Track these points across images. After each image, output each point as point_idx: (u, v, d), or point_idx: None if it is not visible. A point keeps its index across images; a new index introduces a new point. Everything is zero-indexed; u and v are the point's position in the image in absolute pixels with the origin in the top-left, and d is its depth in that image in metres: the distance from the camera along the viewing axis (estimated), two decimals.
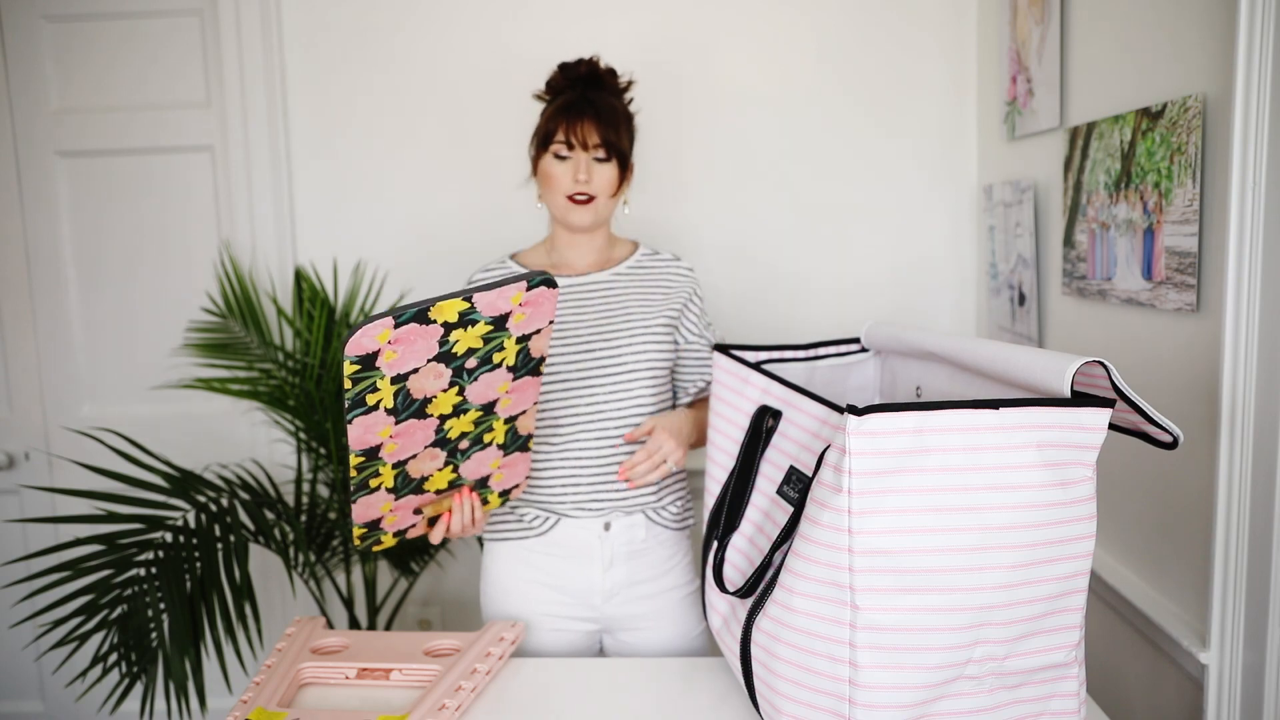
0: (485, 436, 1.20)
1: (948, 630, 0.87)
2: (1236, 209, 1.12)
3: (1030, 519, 0.86)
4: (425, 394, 1.08)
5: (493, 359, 1.10)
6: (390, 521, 1.23)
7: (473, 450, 1.21)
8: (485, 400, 1.15)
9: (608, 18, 2.11)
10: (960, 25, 2.10)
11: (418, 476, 1.18)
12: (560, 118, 1.42)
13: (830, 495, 0.88)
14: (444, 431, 1.14)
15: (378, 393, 1.03)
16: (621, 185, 1.46)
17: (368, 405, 1.04)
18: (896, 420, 0.85)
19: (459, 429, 1.16)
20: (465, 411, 1.14)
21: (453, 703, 1.10)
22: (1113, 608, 1.49)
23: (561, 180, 1.43)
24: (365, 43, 2.15)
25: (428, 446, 1.15)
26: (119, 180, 2.24)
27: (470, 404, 1.14)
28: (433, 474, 1.20)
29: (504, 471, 1.28)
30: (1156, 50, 1.33)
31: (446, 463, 1.19)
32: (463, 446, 1.19)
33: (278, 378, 2.04)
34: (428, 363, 1.04)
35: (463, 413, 1.14)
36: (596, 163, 1.43)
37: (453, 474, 1.22)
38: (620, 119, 1.45)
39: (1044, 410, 0.86)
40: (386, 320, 0.97)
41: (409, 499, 1.21)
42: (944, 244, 2.17)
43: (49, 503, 2.28)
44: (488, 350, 1.09)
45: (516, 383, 1.16)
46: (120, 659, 1.55)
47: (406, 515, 1.24)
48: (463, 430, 1.16)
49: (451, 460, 1.20)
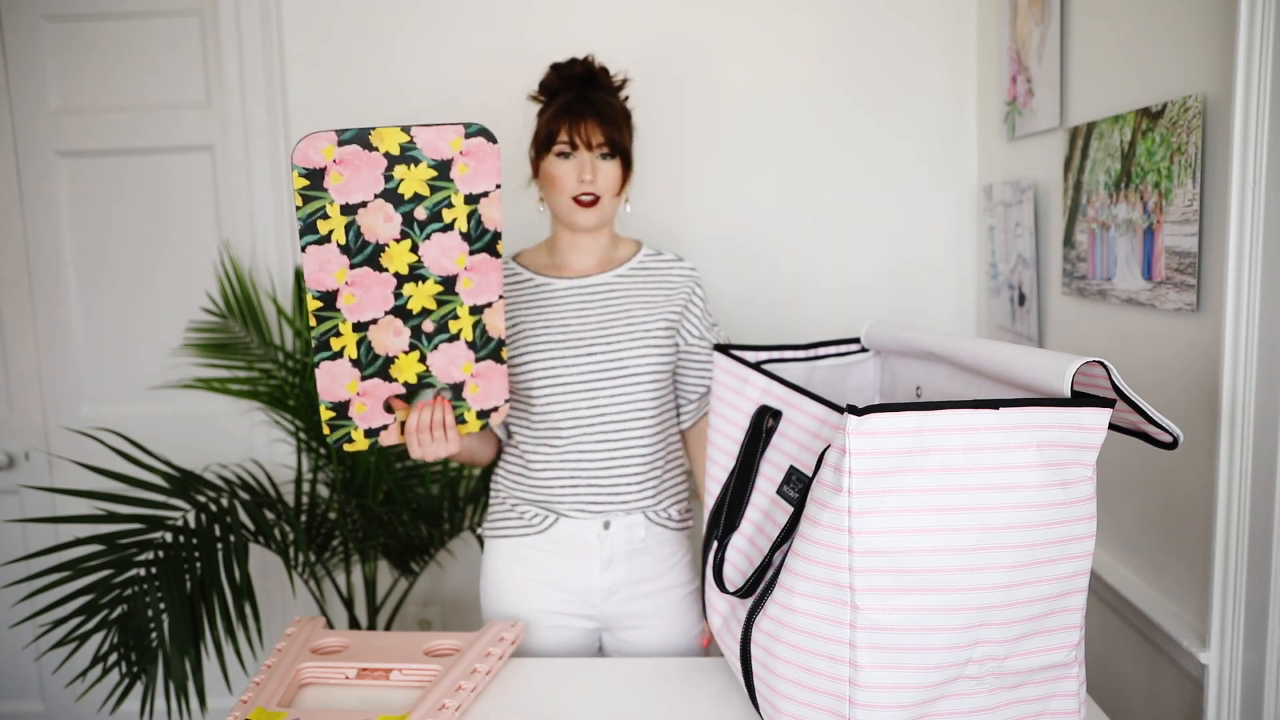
0: (451, 325, 1.22)
1: (948, 630, 0.87)
2: (1236, 209, 1.12)
3: (1030, 519, 0.86)
4: (377, 238, 1.15)
5: (443, 216, 1.16)
6: (359, 411, 1.23)
7: (439, 339, 1.23)
8: (444, 271, 1.19)
9: (607, 18, 2.11)
10: (960, 25, 2.10)
11: (382, 354, 1.21)
12: (562, 118, 1.41)
13: (830, 495, 0.88)
14: (404, 299, 1.18)
15: (329, 220, 1.12)
16: (624, 184, 1.46)
17: (319, 233, 1.12)
18: (896, 420, 0.85)
19: (420, 301, 1.19)
20: (424, 279, 1.18)
21: (453, 703, 1.10)
22: (1113, 608, 1.49)
23: (566, 181, 1.42)
24: (365, 43, 2.15)
25: (388, 313, 1.19)
26: (119, 180, 2.24)
27: (428, 270, 1.18)
28: (398, 356, 1.22)
29: (479, 383, 1.28)
30: (1156, 50, 1.33)
31: (412, 346, 1.22)
32: (427, 329, 1.21)
33: (278, 378, 2.04)
34: (375, 198, 1.13)
35: (421, 279, 1.18)
36: (601, 161, 1.42)
37: (421, 365, 1.23)
38: (620, 116, 1.45)
39: (1044, 410, 0.86)
40: (330, 135, 1.09)
41: (376, 384, 1.22)
42: (944, 244, 2.17)
43: (49, 503, 2.28)
44: (436, 203, 1.15)
45: (474, 259, 1.20)
46: (120, 659, 1.55)
47: (377, 409, 1.24)
48: (424, 305, 1.20)
49: (417, 344, 1.22)
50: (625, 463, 1.44)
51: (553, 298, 1.47)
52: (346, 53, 2.16)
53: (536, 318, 1.46)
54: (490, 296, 1.23)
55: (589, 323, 1.44)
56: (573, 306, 1.46)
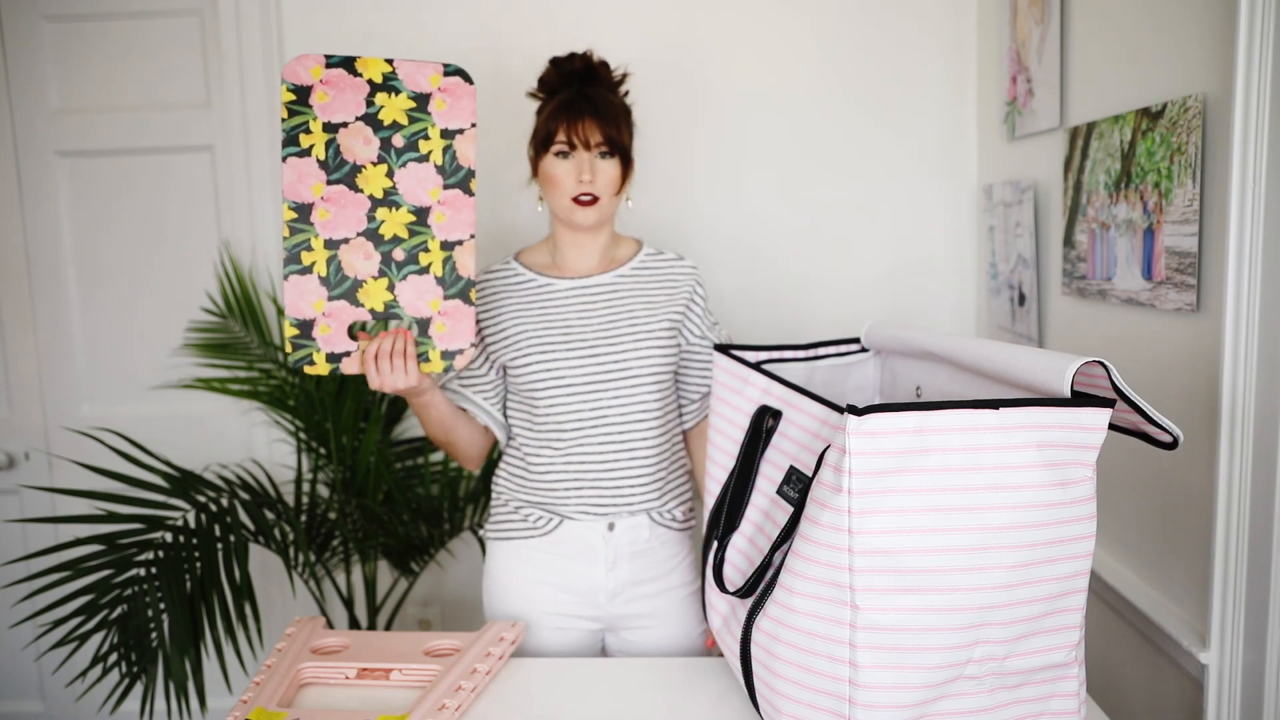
0: (422, 257, 1.25)
1: (948, 630, 0.87)
2: (1236, 209, 1.12)
3: (1030, 519, 0.86)
4: (355, 158, 1.21)
5: (419, 147, 1.22)
6: (324, 332, 1.25)
7: (408, 269, 1.25)
8: (417, 202, 1.23)
9: (606, 17, 2.11)
10: (960, 25, 2.10)
11: (351, 276, 1.24)
12: (560, 117, 1.40)
13: (830, 495, 0.87)
14: (376, 222, 1.22)
15: (310, 135, 1.19)
16: (624, 182, 1.45)
17: (300, 146, 1.19)
18: (896, 420, 0.85)
19: (392, 228, 1.23)
20: (398, 206, 1.23)
21: (453, 703, 1.10)
22: (1113, 608, 1.49)
23: (565, 181, 1.41)
24: (365, 42, 2.15)
25: (360, 234, 1.23)
26: (119, 180, 2.24)
27: (402, 197, 1.23)
28: (367, 281, 1.24)
29: (445, 322, 1.29)
30: (1156, 50, 1.33)
31: (381, 273, 1.24)
32: (398, 258, 1.24)
33: (278, 378, 2.05)
34: (355, 120, 1.20)
35: (395, 206, 1.23)
36: (600, 160, 1.41)
37: (389, 294, 1.25)
38: (620, 114, 1.44)
39: (1044, 410, 0.86)
40: (319, 57, 1.20)
41: (342, 306, 1.25)
42: (944, 244, 2.17)
43: (49, 503, 2.28)
44: (413, 133, 1.22)
45: (447, 194, 1.24)
46: (120, 659, 1.55)
47: (341, 334, 1.26)
48: (396, 233, 1.23)
49: (386, 272, 1.24)
50: (629, 464, 1.44)
51: (555, 299, 1.46)
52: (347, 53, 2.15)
53: (539, 319, 1.45)
54: (462, 234, 1.27)
55: (591, 324, 1.44)
56: (575, 307, 1.45)
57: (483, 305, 1.48)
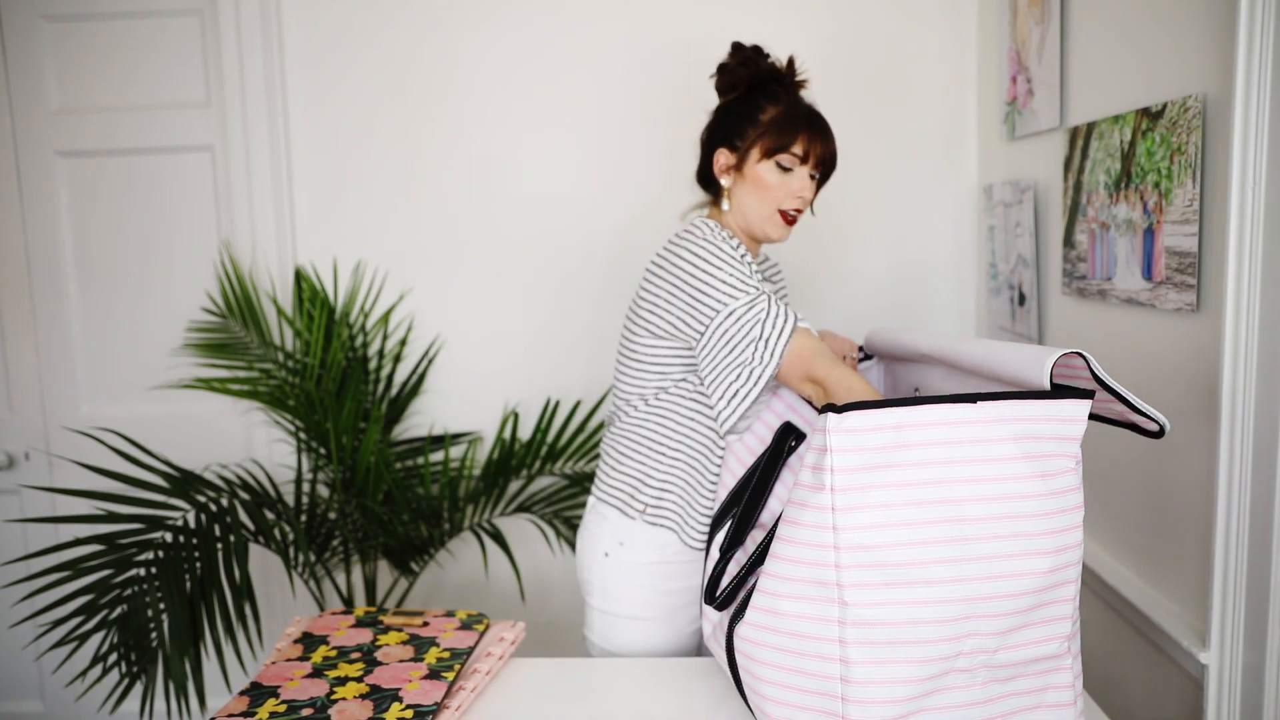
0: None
1: (936, 623, 0.87)
2: (1236, 209, 1.12)
3: (1012, 510, 0.87)
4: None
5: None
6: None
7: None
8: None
9: (604, 17, 2.11)
10: (960, 25, 2.10)
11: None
12: (803, 128, 1.32)
13: (811, 494, 0.88)
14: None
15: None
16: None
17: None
18: (876, 417, 0.86)
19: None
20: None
21: (453, 703, 1.10)
22: (1112, 607, 1.49)
23: (778, 193, 1.32)
24: (365, 42, 2.15)
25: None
26: (119, 180, 2.24)
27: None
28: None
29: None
30: (1156, 50, 1.33)
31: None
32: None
33: (278, 378, 2.05)
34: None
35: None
36: (809, 180, 1.35)
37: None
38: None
39: (1021, 403, 0.87)
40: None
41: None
42: (944, 244, 2.17)
43: (49, 503, 2.28)
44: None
45: None
46: (120, 659, 1.55)
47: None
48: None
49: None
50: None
51: None
52: (346, 53, 2.16)
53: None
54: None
55: None
56: None
57: None
